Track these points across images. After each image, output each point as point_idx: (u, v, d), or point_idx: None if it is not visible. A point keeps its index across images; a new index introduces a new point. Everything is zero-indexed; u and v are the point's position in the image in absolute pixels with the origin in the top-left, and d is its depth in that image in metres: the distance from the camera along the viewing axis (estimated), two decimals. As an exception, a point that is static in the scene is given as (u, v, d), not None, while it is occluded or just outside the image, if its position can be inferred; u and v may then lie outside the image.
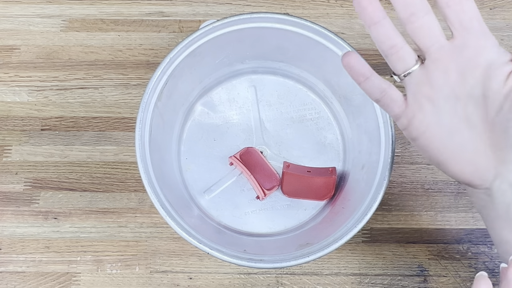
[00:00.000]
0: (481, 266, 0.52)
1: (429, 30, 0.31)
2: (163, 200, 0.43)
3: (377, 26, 0.31)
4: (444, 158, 0.33)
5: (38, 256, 0.52)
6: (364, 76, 0.33)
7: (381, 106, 0.35)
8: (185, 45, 0.46)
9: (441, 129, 0.32)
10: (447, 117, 0.32)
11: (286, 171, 0.50)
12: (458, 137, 0.32)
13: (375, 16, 0.31)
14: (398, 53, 0.32)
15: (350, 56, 0.33)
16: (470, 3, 0.30)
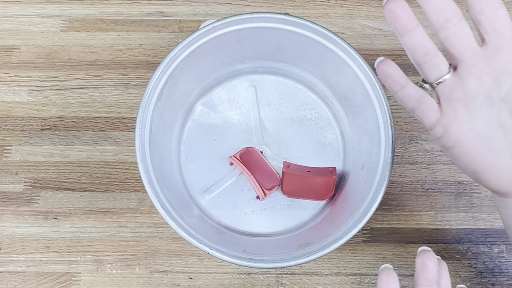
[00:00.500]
0: (481, 266, 0.52)
1: (462, 37, 0.31)
2: (163, 200, 0.43)
3: (410, 34, 0.31)
4: (480, 166, 0.33)
5: (38, 256, 0.52)
6: (401, 85, 0.32)
7: (417, 115, 0.34)
8: (185, 45, 0.46)
9: (477, 136, 0.32)
10: (483, 124, 0.32)
11: (286, 171, 0.50)
12: (494, 144, 0.32)
13: (408, 24, 0.30)
14: (432, 61, 0.31)
15: (386, 64, 0.32)
16: (503, 10, 0.30)
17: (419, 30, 0.31)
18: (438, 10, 0.30)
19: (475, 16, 0.30)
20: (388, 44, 0.58)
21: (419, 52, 0.31)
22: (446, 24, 0.30)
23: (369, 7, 0.60)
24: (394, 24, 0.31)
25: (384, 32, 0.59)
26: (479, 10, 0.30)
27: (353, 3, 0.60)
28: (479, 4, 0.30)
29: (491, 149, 0.32)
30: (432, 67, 0.32)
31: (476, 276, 0.52)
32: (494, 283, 0.52)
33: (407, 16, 0.30)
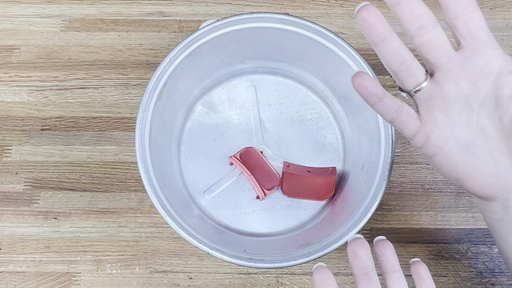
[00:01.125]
0: (481, 266, 0.52)
1: (438, 42, 0.30)
2: (163, 200, 0.43)
3: (385, 43, 0.30)
4: (463, 173, 0.32)
5: (38, 256, 0.52)
6: (378, 97, 0.31)
7: (396, 126, 0.33)
8: (185, 45, 0.46)
9: (458, 142, 0.32)
10: (463, 129, 0.31)
11: (286, 171, 0.50)
12: (475, 149, 0.31)
13: (383, 32, 0.30)
14: (409, 69, 0.31)
15: (362, 77, 0.31)
16: (478, 13, 0.30)
17: (394, 38, 0.30)
18: (412, 16, 0.29)
19: (450, 20, 0.30)
20: (388, 44, 0.58)
21: (395, 61, 0.31)
22: (421, 31, 0.30)
23: (369, 7, 0.60)
24: (368, 33, 0.30)
25: (384, 32, 0.59)
26: (454, 13, 0.30)
27: (353, 3, 0.60)
28: (454, 8, 0.29)
29: (473, 155, 0.32)
30: (409, 75, 0.31)
31: (476, 276, 0.52)
32: (494, 283, 0.52)
33: (381, 24, 0.30)
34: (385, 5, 0.30)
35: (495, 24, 0.60)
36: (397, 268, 0.33)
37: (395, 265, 0.33)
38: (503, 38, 0.59)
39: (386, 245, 0.33)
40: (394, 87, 0.57)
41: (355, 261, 0.32)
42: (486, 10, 0.60)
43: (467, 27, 0.30)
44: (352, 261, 0.32)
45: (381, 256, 0.33)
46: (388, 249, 0.33)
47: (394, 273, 0.33)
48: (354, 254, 0.32)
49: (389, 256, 0.33)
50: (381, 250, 0.33)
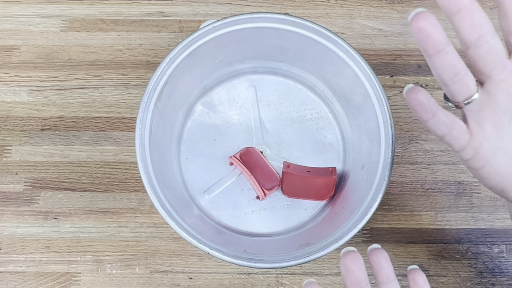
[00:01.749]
0: (481, 266, 0.52)
1: (496, 53, 0.29)
2: (163, 200, 0.43)
3: (441, 54, 0.28)
4: (509, 185, 0.32)
5: (38, 256, 0.52)
6: (432, 113, 0.30)
7: (446, 141, 0.32)
8: (185, 45, 0.46)
9: (506, 154, 0.31)
10: (511, 141, 0.31)
11: (286, 171, 0.50)
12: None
13: (440, 44, 0.28)
14: (462, 81, 0.29)
15: (417, 92, 0.29)
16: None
17: (450, 49, 0.28)
18: (471, 25, 0.28)
19: (508, 27, 0.29)
20: (388, 44, 0.58)
21: (449, 73, 0.29)
22: (480, 41, 0.28)
23: (369, 7, 0.60)
24: (424, 43, 0.28)
25: (384, 32, 0.59)
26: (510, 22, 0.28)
27: (353, 3, 0.60)
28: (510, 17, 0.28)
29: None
30: (461, 87, 0.30)
31: (476, 276, 0.52)
32: (494, 283, 0.52)
33: (439, 35, 0.28)
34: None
35: (495, 24, 0.59)
36: (392, 278, 0.32)
37: (390, 276, 0.32)
38: (503, 38, 0.59)
39: (381, 254, 0.32)
40: (394, 87, 0.57)
41: (348, 276, 0.31)
42: (486, 10, 0.60)
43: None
44: (345, 275, 0.31)
45: (376, 267, 0.32)
46: (382, 258, 0.32)
47: (390, 283, 0.32)
48: (347, 268, 0.31)
49: (384, 266, 0.32)
50: (376, 260, 0.32)
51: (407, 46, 0.58)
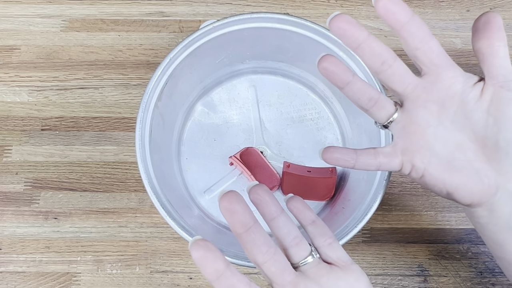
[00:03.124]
0: (481, 266, 0.52)
1: (401, 74, 0.32)
2: (163, 200, 0.43)
3: (350, 85, 0.33)
4: (451, 187, 0.34)
5: (38, 256, 0.52)
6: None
7: (382, 169, 0.35)
8: (185, 45, 0.46)
9: (440, 160, 0.33)
10: (442, 147, 0.33)
11: (286, 171, 0.50)
12: (457, 163, 0.33)
13: (345, 77, 0.32)
14: (378, 104, 0.33)
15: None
16: (435, 42, 0.31)
17: (356, 79, 0.32)
18: (373, 55, 0.31)
19: (411, 52, 0.32)
20: (388, 44, 0.58)
21: (363, 99, 0.33)
22: (384, 66, 0.32)
23: (369, 7, 0.60)
24: (332, 80, 0.32)
25: (384, 32, 0.59)
26: (414, 46, 0.31)
27: (353, 3, 0.60)
28: (413, 42, 0.31)
29: (456, 169, 0.33)
30: (379, 110, 0.33)
31: (476, 276, 0.52)
32: (494, 283, 0.52)
33: (342, 70, 0.32)
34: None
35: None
36: (279, 212, 0.32)
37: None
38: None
39: (260, 188, 0.31)
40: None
41: (234, 218, 0.28)
42: (486, 10, 0.60)
43: (427, 57, 0.32)
44: (229, 219, 0.28)
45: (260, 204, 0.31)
46: (264, 194, 0.31)
47: (277, 218, 0.31)
48: (230, 211, 0.28)
49: (267, 201, 0.31)
50: (258, 197, 0.31)
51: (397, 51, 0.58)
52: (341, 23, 0.30)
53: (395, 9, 0.30)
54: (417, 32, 0.31)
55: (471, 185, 0.33)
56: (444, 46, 0.60)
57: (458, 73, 0.32)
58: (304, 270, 0.31)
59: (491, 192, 0.33)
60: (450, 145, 0.33)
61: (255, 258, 0.29)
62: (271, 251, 0.29)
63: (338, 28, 0.30)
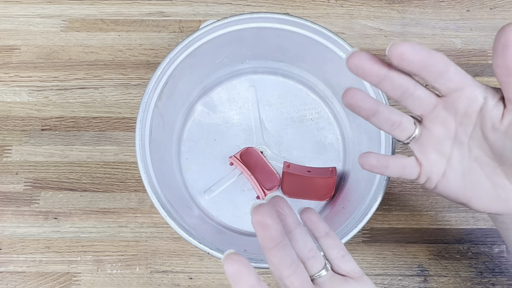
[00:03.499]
0: (481, 266, 0.52)
1: (421, 99, 0.32)
2: (163, 200, 0.43)
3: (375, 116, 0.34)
4: (466, 198, 0.34)
5: (38, 256, 0.52)
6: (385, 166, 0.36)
7: (403, 178, 0.37)
8: (185, 45, 0.46)
9: (456, 173, 0.34)
10: (458, 161, 0.34)
11: (286, 171, 0.50)
12: (473, 176, 0.34)
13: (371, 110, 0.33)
14: (400, 127, 0.34)
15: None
16: (453, 68, 0.31)
17: (382, 108, 0.33)
18: (394, 88, 0.31)
19: (431, 84, 0.31)
20: (388, 44, 0.58)
21: (386, 125, 0.34)
22: (404, 95, 0.32)
23: (369, 7, 0.60)
24: (357, 113, 0.33)
25: (384, 32, 0.59)
26: (433, 80, 0.31)
27: (353, 3, 0.60)
28: (430, 78, 0.31)
29: (472, 182, 0.34)
30: (401, 132, 0.34)
31: (476, 276, 0.52)
32: (495, 283, 0.52)
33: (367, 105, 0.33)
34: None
35: (495, 24, 0.59)
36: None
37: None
38: (488, 47, 0.59)
39: (281, 201, 0.33)
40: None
41: (265, 233, 0.28)
42: (486, 10, 0.60)
43: (446, 87, 0.31)
44: (261, 234, 0.28)
45: (280, 216, 0.32)
46: (284, 206, 0.32)
47: (295, 229, 0.32)
48: (262, 225, 0.27)
49: (286, 214, 0.32)
50: (279, 210, 0.32)
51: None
52: (360, 61, 0.30)
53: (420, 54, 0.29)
54: (435, 65, 0.30)
55: (486, 198, 0.34)
56: (444, 46, 0.60)
57: (478, 92, 0.31)
58: (320, 283, 0.31)
59: (508, 205, 0.33)
60: (466, 159, 0.33)
61: (281, 272, 0.29)
62: (295, 265, 0.29)
63: (357, 66, 0.30)
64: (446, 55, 0.32)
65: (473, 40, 0.59)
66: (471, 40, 0.59)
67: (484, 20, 0.60)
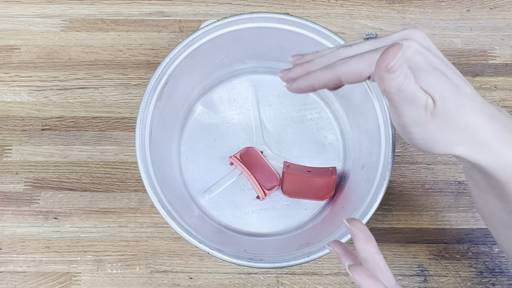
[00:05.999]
0: (481, 266, 0.52)
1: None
2: (163, 200, 0.43)
3: None
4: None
5: (38, 256, 0.52)
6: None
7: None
8: (185, 45, 0.46)
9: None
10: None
11: (286, 171, 0.50)
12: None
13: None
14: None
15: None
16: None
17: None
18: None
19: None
20: (388, 44, 0.58)
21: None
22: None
23: (369, 7, 0.60)
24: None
25: (385, 32, 0.59)
26: None
27: (353, 3, 0.60)
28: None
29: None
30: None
31: (476, 276, 0.52)
32: (495, 283, 0.52)
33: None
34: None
35: (495, 24, 0.60)
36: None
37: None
38: (503, 38, 0.59)
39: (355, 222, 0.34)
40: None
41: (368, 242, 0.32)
42: (486, 10, 0.60)
43: None
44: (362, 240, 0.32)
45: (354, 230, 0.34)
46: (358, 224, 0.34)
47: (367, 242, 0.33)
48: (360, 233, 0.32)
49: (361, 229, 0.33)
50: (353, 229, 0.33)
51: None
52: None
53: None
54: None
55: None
56: (444, 46, 0.60)
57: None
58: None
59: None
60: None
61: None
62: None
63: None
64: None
65: (473, 40, 0.59)
66: (471, 40, 0.59)
67: (484, 20, 0.60)
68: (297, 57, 0.37)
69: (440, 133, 0.31)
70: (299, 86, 0.35)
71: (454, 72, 0.32)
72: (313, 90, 0.35)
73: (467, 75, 0.57)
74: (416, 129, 0.31)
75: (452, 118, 0.30)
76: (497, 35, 0.59)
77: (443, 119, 0.30)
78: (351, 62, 0.32)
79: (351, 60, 0.32)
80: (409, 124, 0.31)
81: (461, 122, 0.31)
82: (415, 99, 0.29)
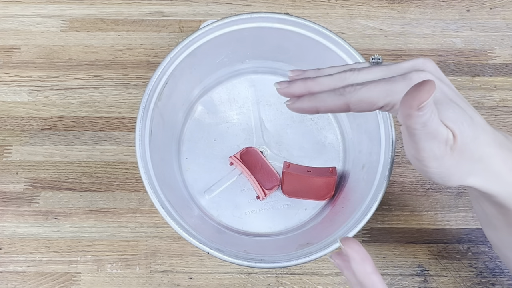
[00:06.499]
0: (481, 266, 0.52)
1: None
2: (163, 200, 0.43)
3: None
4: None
5: (38, 256, 0.52)
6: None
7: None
8: (185, 45, 0.46)
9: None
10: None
11: (286, 171, 0.50)
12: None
13: None
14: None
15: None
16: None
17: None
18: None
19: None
20: (389, 44, 0.58)
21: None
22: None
23: (369, 7, 0.60)
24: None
25: (385, 32, 0.59)
26: None
27: (353, 3, 0.60)
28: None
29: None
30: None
31: (476, 276, 0.52)
32: (494, 283, 0.52)
33: None
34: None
35: (495, 24, 0.60)
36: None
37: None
38: (503, 38, 0.59)
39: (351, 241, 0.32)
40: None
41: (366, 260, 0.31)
42: (486, 10, 0.60)
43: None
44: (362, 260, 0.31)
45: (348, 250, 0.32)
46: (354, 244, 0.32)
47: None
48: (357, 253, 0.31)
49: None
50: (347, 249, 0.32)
51: (407, 46, 0.58)
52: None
53: None
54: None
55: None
56: (444, 46, 0.60)
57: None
58: None
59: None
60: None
61: None
62: None
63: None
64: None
65: (473, 40, 0.59)
66: (471, 40, 0.59)
67: (484, 20, 0.60)
68: (298, 72, 0.35)
69: (457, 166, 0.30)
70: (302, 107, 0.33)
71: (464, 101, 0.32)
72: (316, 112, 0.33)
73: (467, 75, 0.58)
74: (434, 163, 0.30)
75: (469, 151, 0.30)
76: (497, 35, 0.59)
77: (461, 153, 0.30)
78: (362, 91, 0.31)
79: (362, 88, 0.31)
80: (428, 158, 0.30)
81: (476, 154, 0.30)
82: (437, 134, 0.29)
